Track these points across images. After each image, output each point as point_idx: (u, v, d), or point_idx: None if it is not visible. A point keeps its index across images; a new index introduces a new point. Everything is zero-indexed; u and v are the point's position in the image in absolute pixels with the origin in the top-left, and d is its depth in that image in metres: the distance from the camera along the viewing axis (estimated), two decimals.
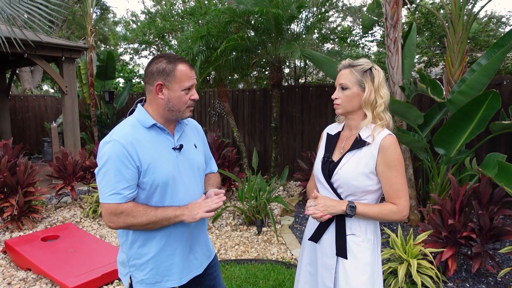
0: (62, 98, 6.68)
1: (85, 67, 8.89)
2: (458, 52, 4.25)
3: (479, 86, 3.63)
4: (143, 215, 1.41)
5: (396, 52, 4.12)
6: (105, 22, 18.02)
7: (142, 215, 1.41)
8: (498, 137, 4.52)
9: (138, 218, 1.41)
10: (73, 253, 3.34)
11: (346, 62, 1.60)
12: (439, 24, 5.86)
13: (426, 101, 5.19)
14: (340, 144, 1.63)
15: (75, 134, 6.71)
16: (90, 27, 8.62)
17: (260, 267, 3.39)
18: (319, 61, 4.49)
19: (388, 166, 1.48)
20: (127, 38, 10.42)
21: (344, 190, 1.54)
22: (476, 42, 5.97)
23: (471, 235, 2.93)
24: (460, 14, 4.17)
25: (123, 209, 1.39)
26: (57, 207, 5.22)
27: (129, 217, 1.40)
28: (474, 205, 3.03)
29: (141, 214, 1.41)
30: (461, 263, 3.32)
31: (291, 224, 4.55)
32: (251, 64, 6.08)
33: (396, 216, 1.49)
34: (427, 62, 6.64)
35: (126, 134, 1.43)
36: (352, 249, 1.54)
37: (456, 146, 3.70)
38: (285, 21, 5.22)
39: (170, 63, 1.46)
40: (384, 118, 1.54)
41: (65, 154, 5.19)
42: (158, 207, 1.44)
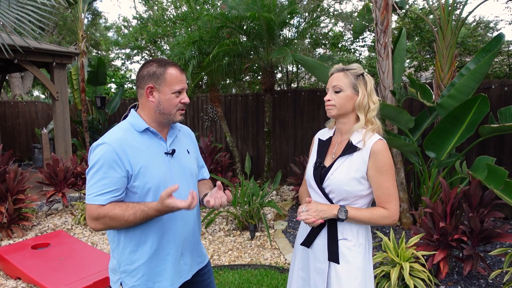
0: (53, 104, 6.62)
1: (76, 72, 8.83)
2: (447, 57, 4.31)
3: (468, 90, 3.69)
4: (121, 219, 1.38)
5: (387, 57, 4.17)
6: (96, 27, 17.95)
7: (121, 220, 1.38)
8: (488, 140, 4.58)
9: (116, 222, 1.39)
10: (64, 260, 3.30)
11: (339, 66, 1.62)
12: (429, 29, 5.94)
13: (416, 105, 5.25)
14: (331, 149, 1.64)
15: (66, 140, 6.65)
16: (81, 33, 8.58)
17: (254, 272, 3.38)
18: (311, 66, 4.52)
19: (379, 171, 1.49)
20: (118, 44, 10.39)
21: (336, 195, 1.55)
22: (465, 47, 6.06)
23: (462, 238, 2.95)
24: (449, 20, 4.24)
25: (100, 211, 1.38)
26: (48, 214, 5.16)
27: (107, 220, 1.39)
28: (465, 208, 3.07)
29: (119, 219, 1.38)
30: (452, 266, 3.35)
31: (284, 228, 4.55)
32: (243, 69, 6.09)
33: (386, 221, 1.50)
34: (417, 66, 6.73)
35: (119, 138, 1.44)
36: (344, 254, 1.55)
37: (447, 150, 3.74)
38: (277, 26, 5.26)
39: (161, 67, 1.48)
40: (374, 123, 1.56)
41: (56, 160, 5.14)
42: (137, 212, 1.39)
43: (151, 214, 1.39)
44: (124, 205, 1.41)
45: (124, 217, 1.38)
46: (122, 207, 1.39)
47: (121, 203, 1.42)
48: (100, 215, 1.38)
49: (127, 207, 1.40)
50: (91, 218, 1.40)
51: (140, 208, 1.39)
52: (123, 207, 1.39)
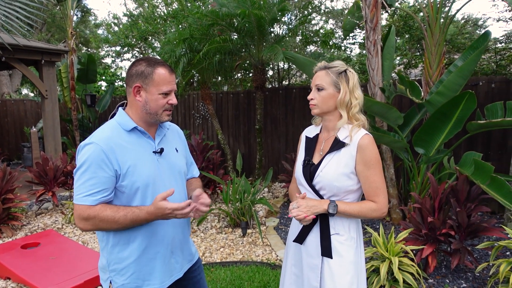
0: (42, 102, 6.55)
1: (66, 70, 8.73)
2: (435, 54, 4.36)
3: (456, 87, 3.74)
4: (111, 222, 1.39)
5: (376, 54, 4.21)
6: (86, 24, 17.75)
7: (110, 222, 1.39)
8: (475, 136, 4.65)
9: (106, 224, 1.40)
10: (54, 260, 3.28)
11: (322, 64, 1.64)
12: (418, 27, 6.00)
13: (406, 102, 5.31)
14: (319, 147, 1.66)
15: (56, 139, 6.58)
16: (70, 30, 8.48)
17: (245, 269, 3.40)
18: (301, 63, 4.54)
19: (366, 165, 1.51)
20: (109, 41, 10.29)
21: (326, 191, 1.57)
22: (453, 44, 6.14)
23: (450, 232, 3.01)
24: (437, 17, 4.29)
25: (90, 212, 1.38)
26: (38, 213, 5.11)
27: (96, 222, 1.40)
28: (452, 202, 3.12)
29: (109, 221, 1.39)
30: (441, 260, 3.40)
31: (276, 225, 4.57)
32: (234, 66, 6.09)
33: (375, 214, 1.53)
34: (407, 64, 6.79)
35: (106, 137, 1.44)
36: (337, 248, 1.57)
37: (435, 146, 3.79)
38: (268, 24, 5.26)
39: (149, 66, 1.47)
40: (359, 119, 1.58)
41: (45, 159, 5.09)
42: (127, 213, 1.40)
43: (142, 217, 1.40)
44: (115, 207, 1.41)
45: (114, 218, 1.38)
46: (113, 209, 1.40)
47: (112, 205, 1.42)
48: (90, 216, 1.38)
49: (118, 209, 1.40)
50: (80, 218, 1.40)
51: (132, 210, 1.40)
52: (114, 209, 1.40)
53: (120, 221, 1.39)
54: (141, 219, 1.40)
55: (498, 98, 4.54)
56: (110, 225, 1.40)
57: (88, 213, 1.38)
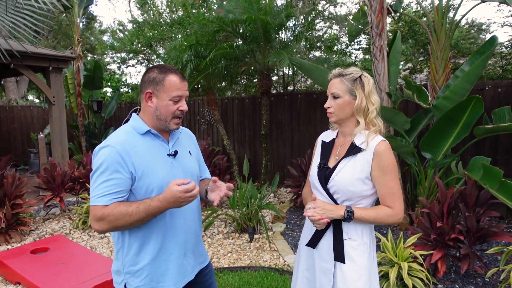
0: (49, 109, 6.60)
1: (72, 77, 8.82)
2: (441, 59, 4.38)
3: (463, 92, 3.75)
4: (125, 216, 1.39)
5: (382, 60, 4.22)
6: (91, 31, 17.92)
7: (124, 216, 1.39)
8: (482, 141, 4.64)
9: (120, 219, 1.39)
10: (63, 265, 3.29)
11: (336, 72, 1.65)
12: (423, 32, 6.02)
13: (412, 106, 5.31)
14: (335, 151, 1.67)
15: (63, 145, 6.63)
16: (77, 37, 8.58)
17: (253, 274, 3.40)
18: (308, 69, 4.56)
19: (383, 171, 1.52)
20: (114, 47, 10.39)
21: (340, 195, 1.58)
22: (458, 49, 6.15)
23: (459, 237, 3.00)
24: (443, 23, 4.31)
25: (104, 211, 1.39)
26: (46, 219, 5.14)
27: (111, 219, 1.40)
28: (461, 207, 3.11)
29: (123, 215, 1.39)
30: (450, 265, 3.39)
31: (282, 230, 4.57)
32: (240, 72, 6.13)
33: (392, 219, 1.54)
34: (412, 69, 6.81)
35: (122, 140, 1.47)
36: (350, 253, 1.58)
37: (442, 150, 3.79)
38: (274, 30, 5.30)
39: (161, 73, 1.51)
40: (376, 124, 1.59)
41: (53, 165, 5.13)
42: (140, 205, 1.40)
43: (154, 205, 1.39)
44: (128, 202, 1.43)
45: (127, 212, 1.38)
46: (126, 204, 1.42)
47: (124, 202, 1.44)
48: (104, 215, 1.39)
49: (130, 203, 1.42)
50: (95, 219, 1.41)
51: (143, 201, 1.42)
52: (127, 204, 1.42)
53: (133, 214, 1.39)
54: (153, 207, 1.40)
55: (505, 102, 4.54)
56: (124, 221, 1.39)
57: (102, 212, 1.39)
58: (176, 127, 1.56)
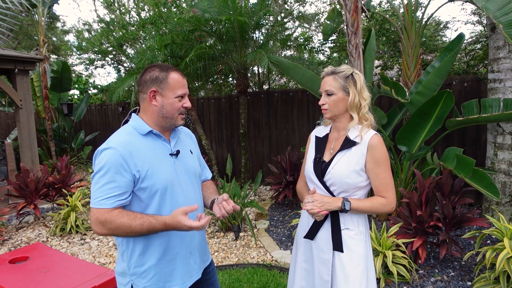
0: (16, 113, 6.30)
1: (38, 79, 8.47)
2: (412, 56, 4.58)
3: (434, 87, 3.95)
4: (128, 228, 1.39)
5: (358, 57, 4.37)
6: (54, 31, 17.19)
7: (127, 229, 1.40)
8: (451, 133, 4.91)
9: (122, 230, 1.40)
10: (47, 273, 3.18)
11: (329, 70, 1.72)
12: (394, 30, 6.26)
13: (385, 102, 5.52)
14: (329, 145, 1.74)
15: (32, 150, 6.35)
16: (42, 37, 8.24)
17: (243, 271, 3.43)
18: (286, 67, 4.65)
19: (377, 163, 1.61)
20: (82, 48, 10.04)
21: (337, 187, 1.64)
22: (426, 46, 6.45)
23: (438, 224, 3.17)
24: (413, 21, 4.52)
25: (107, 216, 1.39)
26: (19, 227, 4.92)
27: (112, 227, 1.40)
28: (438, 196, 3.29)
29: (126, 227, 1.39)
30: (428, 251, 3.57)
31: (266, 227, 4.63)
32: (217, 71, 6.12)
33: (386, 208, 1.62)
34: (383, 66, 7.06)
35: (124, 141, 1.46)
36: (347, 243, 1.65)
37: (417, 143, 3.98)
38: (250, 29, 5.34)
39: (163, 71, 1.52)
40: (369, 119, 1.67)
41: (26, 171, 4.92)
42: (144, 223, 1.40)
43: (158, 228, 1.40)
44: (133, 214, 1.41)
45: (131, 226, 1.39)
46: (130, 216, 1.40)
47: (129, 212, 1.42)
48: (107, 220, 1.39)
49: (135, 217, 1.40)
50: (97, 222, 1.40)
51: (148, 220, 1.40)
52: (131, 217, 1.40)
53: (136, 230, 1.40)
54: (157, 229, 1.41)
55: (471, 96, 4.82)
56: (125, 232, 1.41)
57: (105, 217, 1.39)
58: (182, 122, 1.58)
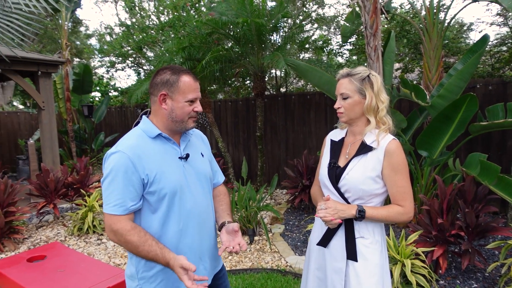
0: (39, 114, 6.47)
1: (60, 81, 8.69)
2: (434, 58, 4.45)
3: (457, 90, 3.81)
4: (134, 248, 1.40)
5: (377, 60, 4.27)
6: (77, 35, 17.66)
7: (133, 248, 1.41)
8: (475, 138, 4.72)
9: (129, 247, 1.42)
10: (63, 272, 3.22)
11: (344, 72, 1.65)
12: (414, 32, 6.11)
13: (405, 105, 5.38)
14: (345, 150, 1.68)
15: (53, 151, 6.50)
16: (65, 41, 8.45)
17: (256, 276, 3.38)
18: (303, 70, 4.59)
19: (394, 170, 1.53)
20: (103, 51, 10.26)
21: (352, 194, 1.58)
22: (449, 48, 6.26)
23: (460, 233, 3.04)
24: (434, 22, 4.38)
25: (119, 227, 1.40)
26: (39, 226, 5.03)
27: (121, 240, 1.42)
28: (460, 203, 3.16)
29: (133, 247, 1.40)
30: (450, 261, 3.43)
31: (282, 232, 4.56)
32: (234, 74, 6.12)
33: (403, 218, 1.55)
34: (404, 68, 6.90)
35: (132, 145, 1.44)
36: (362, 252, 1.58)
37: (439, 148, 3.84)
38: (268, 31, 5.30)
39: (174, 74, 1.49)
40: (386, 122, 1.60)
41: (46, 171, 5.03)
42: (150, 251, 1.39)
43: (160, 262, 1.41)
44: (144, 238, 1.40)
45: (137, 249, 1.40)
46: (141, 239, 1.39)
47: (142, 233, 1.41)
48: (118, 231, 1.40)
49: (145, 242, 1.39)
50: (110, 229, 1.42)
51: (155, 251, 1.39)
52: (142, 240, 1.39)
53: (141, 254, 1.41)
54: (158, 262, 1.41)
55: (495, 100, 4.63)
56: (130, 250, 1.43)
57: (118, 227, 1.40)
58: (194, 125, 1.55)
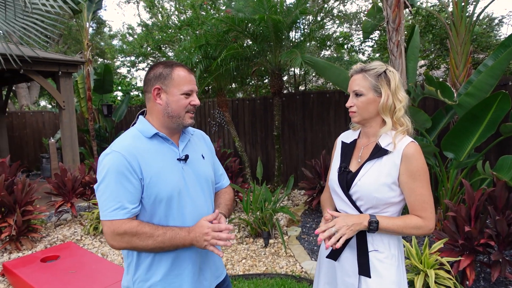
0: (59, 113, 6.58)
1: (82, 81, 8.82)
2: (462, 54, 4.18)
3: (487, 88, 3.56)
4: (149, 238, 1.30)
5: (400, 56, 4.05)
6: (101, 36, 18.03)
7: (148, 238, 1.30)
8: (506, 139, 4.42)
9: (143, 240, 1.31)
10: (74, 274, 3.20)
11: (358, 67, 1.50)
12: (441, 27, 5.81)
13: (430, 104, 5.11)
14: (357, 153, 1.52)
15: (73, 149, 6.59)
16: (86, 41, 8.56)
17: (270, 282, 3.25)
18: (321, 67, 4.42)
19: (412, 177, 1.37)
20: (124, 51, 10.38)
21: (364, 202, 1.43)
22: (478, 43, 5.91)
23: (489, 242, 2.81)
24: (462, 16, 4.12)
25: (126, 228, 1.29)
26: (57, 225, 5.08)
27: (133, 238, 1.30)
28: (490, 210, 2.92)
29: (147, 237, 1.30)
30: (478, 271, 3.19)
31: (298, 235, 4.41)
32: (251, 72, 6.00)
33: (421, 231, 1.38)
34: (429, 65, 6.58)
35: (127, 145, 1.35)
36: (376, 267, 1.42)
37: (466, 150, 3.60)
38: (285, 28, 5.16)
39: (167, 67, 1.40)
40: (404, 123, 1.44)
41: (63, 170, 5.07)
42: (167, 231, 1.32)
43: (181, 235, 1.32)
44: (155, 226, 1.34)
45: (152, 236, 1.30)
46: (153, 226, 1.33)
47: (150, 224, 1.34)
48: (126, 232, 1.29)
49: (157, 227, 1.33)
50: (115, 234, 1.30)
51: (171, 229, 1.33)
52: (154, 227, 1.32)
53: (157, 240, 1.30)
54: (179, 237, 1.32)
55: None
56: (145, 242, 1.30)
57: (124, 228, 1.29)
58: (191, 122, 1.44)
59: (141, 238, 1.30)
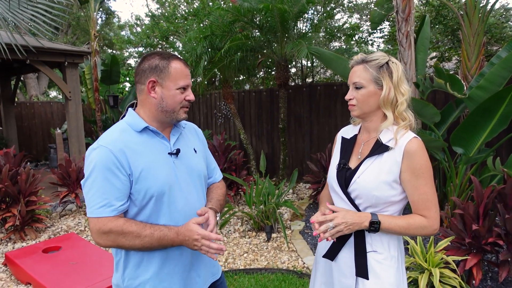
0: (66, 104, 6.58)
1: (89, 72, 8.82)
2: (474, 45, 4.03)
3: (500, 80, 3.42)
4: (136, 238, 1.25)
5: (409, 47, 3.92)
6: (110, 27, 18.03)
7: (135, 238, 1.25)
8: None
9: (130, 240, 1.26)
10: (75, 265, 3.20)
11: (359, 57, 1.41)
12: (452, 17, 5.62)
13: (440, 97, 4.97)
14: (357, 149, 1.45)
15: (79, 140, 6.61)
16: (93, 32, 8.53)
17: (271, 277, 3.21)
18: (327, 58, 4.31)
19: (415, 174, 1.29)
20: (131, 42, 10.34)
21: (363, 201, 1.35)
22: (491, 35, 5.71)
23: (498, 241, 2.71)
24: (476, 6, 3.96)
25: (112, 226, 1.24)
26: (62, 215, 5.11)
27: (119, 237, 1.25)
28: (500, 208, 2.81)
29: (134, 237, 1.25)
30: (485, 271, 3.10)
31: (301, 229, 4.36)
32: (256, 64, 5.91)
33: (426, 231, 1.30)
34: (440, 57, 6.39)
35: (115, 139, 1.29)
36: (374, 268, 1.35)
37: (476, 145, 3.48)
38: (292, 18, 5.04)
39: (164, 60, 1.33)
40: (407, 118, 1.35)
41: (68, 161, 5.08)
42: (155, 231, 1.27)
43: (170, 237, 1.27)
44: (142, 224, 1.28)
45: (139, 236, 1.25)
46: (139, 225, 1.27)
47: (137, 221, 1.29)
48: (112, 230, 1.24)
49: (144, 226, 1.27)
50: (101, 233, 1.26)
51: (159, 228, 1.27)
52: (140, 226, 1.27)
53: (145, 241, 1.26)
54: (168, 239, 1.26)
55: None
56: (132, 242, 1.26)
57: (110, 227, 1.24)
58: (185, 116, 1.39)
59: (128, 238, 1.25)
